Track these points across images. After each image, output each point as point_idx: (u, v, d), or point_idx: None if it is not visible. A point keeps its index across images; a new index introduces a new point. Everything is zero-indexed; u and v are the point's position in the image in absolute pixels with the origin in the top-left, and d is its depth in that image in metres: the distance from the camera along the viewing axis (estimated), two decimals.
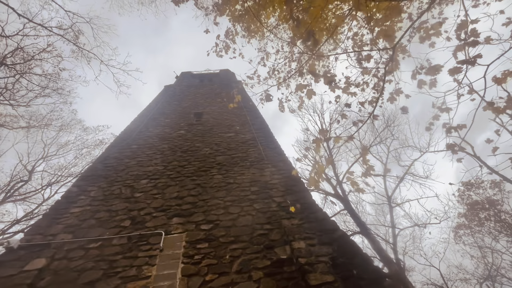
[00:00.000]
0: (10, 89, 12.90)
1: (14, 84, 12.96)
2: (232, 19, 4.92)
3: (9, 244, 3.90)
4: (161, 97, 12.63)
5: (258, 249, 3.82)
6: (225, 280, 3.39)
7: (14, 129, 14.07)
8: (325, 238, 3.84)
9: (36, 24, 7.85)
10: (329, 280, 3.10)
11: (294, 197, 4.94)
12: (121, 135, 8.23)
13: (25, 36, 11.32)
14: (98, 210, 4.81)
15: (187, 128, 8.63)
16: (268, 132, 8.01)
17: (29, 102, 14.12)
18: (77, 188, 5.47)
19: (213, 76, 17.91)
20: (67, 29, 8.54)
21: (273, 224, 4.29)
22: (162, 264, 3.68)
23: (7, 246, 3.89)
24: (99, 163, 6.47)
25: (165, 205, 4.89)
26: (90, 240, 4.11)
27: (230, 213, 4.61)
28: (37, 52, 10.99)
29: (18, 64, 11.35)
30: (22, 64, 11.21)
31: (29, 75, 12.64)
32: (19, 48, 10.93)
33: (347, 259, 3.43)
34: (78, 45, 7.95)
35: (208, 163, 6.32)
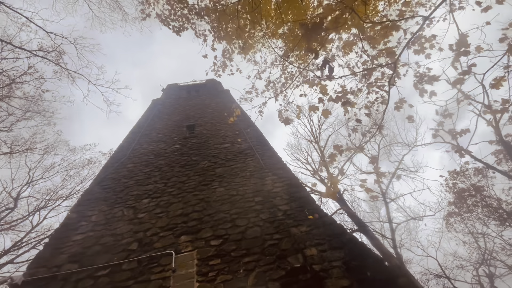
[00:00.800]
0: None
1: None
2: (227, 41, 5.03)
3: (13, 281, 3.75)
4: (150, 112, 12.50)
5: (271, 260, 3.86)
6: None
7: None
8: (335, 243, 3.93)
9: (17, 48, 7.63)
10: (345, 285, 3.19)
11: (298, 203, 5.03)
12: (115, 154, 8.08)
13: (3, 59, 10.97)
14: (102, 235, 4.70)
15: (182, 142, 8.59)
16: (263, 140, 8.10)
17: (11, 126, 13.61)
18: (76, 214, 5.32)
19: (200, 86, 17.91)
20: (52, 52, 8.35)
21: (282, 233, 4.34)
22: (177, 285, 3.65)
23: (11, 283, 3.74)
24: (95, 186, 6.32)
25: (171, 223, 4.85)
26: (98, 267, 4.01)
27: (237, 225, 4.63)
28: (18, 75, 10.65)
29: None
30: (1, 88, 10.81)
31: (9, 98, 12.21)
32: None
33: (359, 261, 3.53)
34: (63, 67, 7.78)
35: (209, 176, 6.32)
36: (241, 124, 9.77)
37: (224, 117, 10.92)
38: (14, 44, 7.23)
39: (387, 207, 11.00)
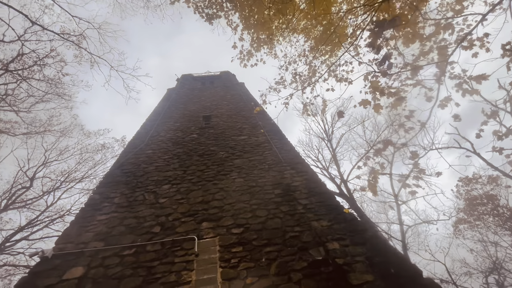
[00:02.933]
0: (11, 95, 12.73)
1: (14, 90, 12.79)
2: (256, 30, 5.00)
3: (44, 254, 3.91)
4: (166, 100, 12.62)
5: (292, 251, 3.92)
6: (266, 282, 3.47)
7: (16, 135, 13.85)
8: (357, 239, 3.96)
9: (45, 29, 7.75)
10: (369, 280, 3.22)
11: (318, 198, 5.05)
12: (133, 140, 8.22)
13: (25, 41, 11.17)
14: (125, 217, 4.83)
15: (199, 132, 8.67)
16: (281, 135, 8.11)
17: (30, 107, 13.94)
18: (99, 195, 5.47)
19: (214, 78, 17.92)
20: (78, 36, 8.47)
21: (303, 226, 4.38)
22: (200, 269, 3.74)
23: (42, 256, 3.90)
24: (116, 169, 6.47)
25: (192, 210, 4.95)
26: (124, 247, 4.14)
27: (258, 216, 4.69)
28: (41, 58, 10.85)
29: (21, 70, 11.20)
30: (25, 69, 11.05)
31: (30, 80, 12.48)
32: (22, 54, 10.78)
33: (382, 258, 3.55)
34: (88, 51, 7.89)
35: (227, 167, 6.39)
36: (257, 117, 9.78)
37: (240, 109, 10.96)
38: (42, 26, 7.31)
39: (398, 209, 10.92)
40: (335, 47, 4.95)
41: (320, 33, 6.25)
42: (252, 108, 10.46)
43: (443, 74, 2.90)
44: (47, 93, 13.14)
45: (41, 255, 3.90)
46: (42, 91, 12.62)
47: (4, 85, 11.76)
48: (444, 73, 2.87)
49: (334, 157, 14.52)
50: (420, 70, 3.09)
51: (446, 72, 2.94)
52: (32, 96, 13.21)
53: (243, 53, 5.60)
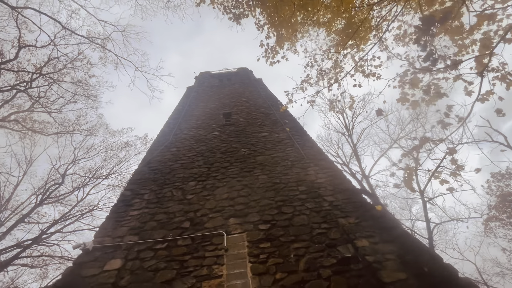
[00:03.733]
0: (43, 97, 13.53)
1: (46, 92, 13.59)
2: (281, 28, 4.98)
3: (85, 246, 4.19)
4: (186, 99, 12.90)
5: (320, 248, 3.94)
6: (295, 278, 3.53)
7: (49, 135, 14.76)
8: (386, 236, 3.90)
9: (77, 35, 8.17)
10: (402, 278, 3.19)
11: (344, 195, 5.01)
12: (158, 138, 8.51)
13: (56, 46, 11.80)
14: (156, 212, 5.06)
15: (220, 130, 8.81)
16: (302, 131, 8.07)
17: (60, 108, 14.76)
18: (130, 192, 5.75)
19: (231, 75, 18.02)
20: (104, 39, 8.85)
21: (330, 223, 4.38)
22: (230, 263, 3.86)
23: (84, 248, 4.19)
24: (144, 167, 6.75)
25: (219, 206, 5.08)
26: (156, 241, 4.35)
27: (284, 213, 4.74)
28: (69, 61, 11.44)
29: (52, 73, 11.88)
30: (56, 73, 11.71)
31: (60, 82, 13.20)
32: (53, 59, 11.42)
33: (414, 256, 3.49)
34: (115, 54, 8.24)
35: (250, 164, 6.47)
36: (278, 114, 9.77)
37: (259, 106, 11.00)
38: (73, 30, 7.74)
39: (424, 206, 10.57)
40: (361, 40, 4.82)
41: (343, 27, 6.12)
42: (276, 106, 10.47)
43: (485, 68, 2.75)
44: (75, 94, 13.85)
45: (83, 247, 4.19)
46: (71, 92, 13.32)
47: (37, 88, 12.53)
48: (487, 66, 2.72)
49: (355, 152, 14.23)
50: (460, 64, 2.96)
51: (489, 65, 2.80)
52: (62, 98, 13.99)
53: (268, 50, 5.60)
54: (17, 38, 10.45)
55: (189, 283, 3.61)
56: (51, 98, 13.23)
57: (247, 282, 3.55)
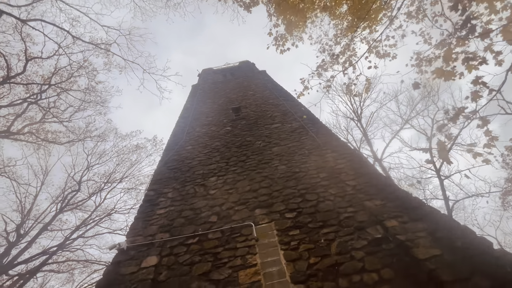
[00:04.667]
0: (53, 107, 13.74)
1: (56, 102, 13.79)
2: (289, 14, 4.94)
3: (120, 246, 4.34)
4: (192, 97, 12.95)
5: (350, 231, 4.00)
6: (329, 261, 3.61)
7: (62, 144, 15.05)
8: (414, 215, 3.94)
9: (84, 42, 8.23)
10: (437, 254, 3.23)
11: (365, 179, 5.04)
12: (172, 138, 8.61)
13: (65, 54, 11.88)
14: (182, 209, 5.18)
15: (232, 124, 8.86)
16: (315, 119, 8.06)
17: (70, 117, 14.98)
18: (153, 192, 5.87)
19: (234, 69, 17.95)
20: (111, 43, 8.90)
21: (356, 207, 4.43)
22: (263, 252, 3.96)
23: (119, 248, 4.33)
24: (163, 167, 6.87)
25: (242, 198, 5.17)
26: (187, 237, 4.47)
27: (308, 200, 4.80)
28: (76, 69, 11.55)
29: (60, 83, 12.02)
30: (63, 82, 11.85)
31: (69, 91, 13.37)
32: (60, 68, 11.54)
33: (445, 232, 3.52)
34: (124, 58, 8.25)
35: (267, 155, 6.53)
36: (287, 104, 9.76)
37: (266, 97, 10.99)
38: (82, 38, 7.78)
39: (441, 184, 10.51)
40: (372, 22, 4.75)
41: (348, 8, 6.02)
42: (284, 96, 10.44)
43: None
44: (84, 101, 14.02)
45: (118, 247, 4.34)
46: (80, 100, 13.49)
47: (47, 98, 12.71)
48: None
49: (366, 136, 14.15)
50: (491, 32, 2.89)
51: None
52: (71, 106, 14.18)
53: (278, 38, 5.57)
54: (23, 51, 10.58)
55: (225, 274, 3.72)
56: (61, 108, 13.45)
57: (282, 269, 3.65)
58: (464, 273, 2.90)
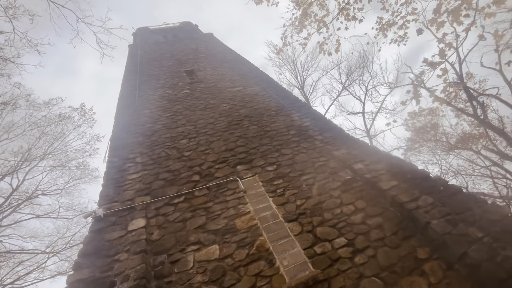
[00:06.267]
0: None
1: None
2: None
3: (96, 214, 3.97)
4: (133, 58, 11.45)
5: (325, 176, 4.62)
6: (313, 201, 4.16)
7: None
8: (375, 159, 4.78)
9: None
10: (395, 184, 4.09)
11: (330, 133, 5.71)
12: (121, 101, 7.68)
13: None
14: (157, 172, 4.93)
15: (190, 87, 8.40)
16: (274, 83, 8.33)
17: None
18: (117, 158, 5.35)
19: (175, 30, 16.40)
20: None
21: (326, 156, 5.06)
22: (253, 201, 4.24)
23: (95, 216, 3.96)
24: (121, 132, 6.20)
25: (221, 157, 5.24)
26: (172, 197, 4.38)
27: (284, 154, 5.21)
28: None
29: None
30: None
31: None
32: None
33: (399, 169, 4.43)
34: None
35: (236, 117, 6.58)
36: (243, 67, 9.70)
37: (221, 60, 10.65)
38: None
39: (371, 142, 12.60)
40: None
41: None
42: (238, 60, 10.26)
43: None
44: None
45: (94, 215, 3.96)
46: None
47: None
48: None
49: (308, 104, 15.34)
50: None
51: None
52: None
53: None
54: None
55: (222, 223, 3.90)
56: None
57: (274, 212, 4.03)
58: (416, 194, 3.81)
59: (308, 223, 3.82)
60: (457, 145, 19.91)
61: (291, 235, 3.66)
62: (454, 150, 19.91)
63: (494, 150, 17.00)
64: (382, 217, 3.81)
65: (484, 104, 17.18)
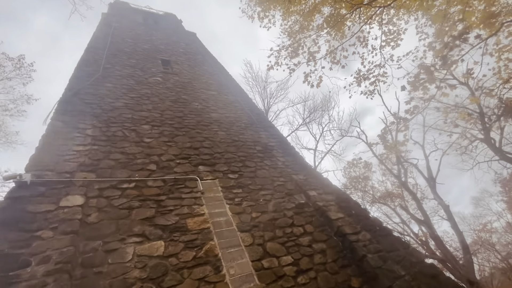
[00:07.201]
0: None
1: None
2: None
3: (22, 178, 3.32)
4: (106, 28, 10.50)
5: (282, 195, 4.79)
6: (267, 217, 4.23)
7: None
8: (327, 189, 5.19)
9: None
10: (341, 216, 4.47)
11: (292, 158, 6.03)
12: (82, 67, 6.83)
13: None
14: (109, 151, 4.43)
15: (162, 76, 8.00)
16: (248, 98, 8.54)
17: None
18: (62, 124, 4.65)
19: (158, 17, 15.82)
20: None
21: (286, 178, 5.28)
22: (210, 204, 4.10)
23: (20, 180, 3.30)
24: (73, 97, 5.46)
25: (183, 153, 5.00)
26: (121, 180, 3.95)
27: (247, 166, 5.26)
28: None
29: None
30: None
31: None
32: None
33: (346, 204, 4.89)
34: None
35: (206, 119, 6.46)
36: (221, 75, 9.75)
37: (200, 62, 10.52)
38: None
39: None
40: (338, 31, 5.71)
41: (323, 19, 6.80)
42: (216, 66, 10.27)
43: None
44: None
45: (19, 179, 3.30)
46: None
47: None
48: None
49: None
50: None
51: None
52: None
53: None
54: None
55: (172, 220, 3.64)
56: None
57: (229, 219, 3.96)
58: (357, 229, 4.22)
59: (260, 236, 3.84)
60: (380, 199, 22.91)
61: (242, 245, 3.62)
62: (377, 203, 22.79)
63: (406, 210, 20.00)
64: (326, 244, 4.08)
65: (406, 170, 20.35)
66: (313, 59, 5.56)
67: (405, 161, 19.96)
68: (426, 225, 16.16)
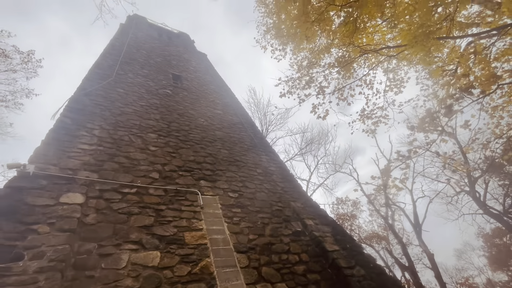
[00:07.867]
0: None
1: None
2: None
3: (25, 169, 3.25)
4: (123, 36, 10.90)
5: (279, 220, 4.76)
6: (264, 240, 4.18)
7: None
8: (323, 220, 5.20)
9: None
10: (337, 249, 4.45)
11: (290, 184, 6.08)
12: (95, 69, 6.97)
13: None
14: (114, 154, 4.41)
15: (173, 90, 8.20)
16: (252, 123, 8.75)
17: None
18: (70, 120, 4.65)
19: (172, 35, 16.53)
20: None
21: (284, 203, 5.29)
22: (208, 220, 4.04)
23: (23, 170, 3.23)
24: (84, 97, 5.51)
25: (186, 166, 5.01)
26: (123, 184, 3.90)
27: (248, 187, 5.27)
28: None
29: None
30: None
31: None
32: None
33: (342, 237, 4.89)
34: None
35: (211, 135, 6.55)
36: (227, 97, 10.04)
37: (208, 82, 10.86)
38: None
39: None
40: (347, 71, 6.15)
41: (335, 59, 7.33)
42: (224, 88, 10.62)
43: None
44: None
45: (22, 169, 3.23)
46: None
47: None
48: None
49: None
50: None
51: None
52: None
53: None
54: None
55: (170, 231, 3.56)
56: None
57: (226, 238, 3.89)
58: (352, 263, 4.19)
59: (256, 259, 3.77)
60: (366, 240, 22.68)
61: (237, 266, 3.53)
62: (362, 243, 22.50)
63: (391, 253, 19.75)
64: (320, 275, 4.01)
65: (394, 213, 20.47)
66: (322, 93, 5.91)
67: (393, 203, 20.19)
68: (410, 271, 15.93)
